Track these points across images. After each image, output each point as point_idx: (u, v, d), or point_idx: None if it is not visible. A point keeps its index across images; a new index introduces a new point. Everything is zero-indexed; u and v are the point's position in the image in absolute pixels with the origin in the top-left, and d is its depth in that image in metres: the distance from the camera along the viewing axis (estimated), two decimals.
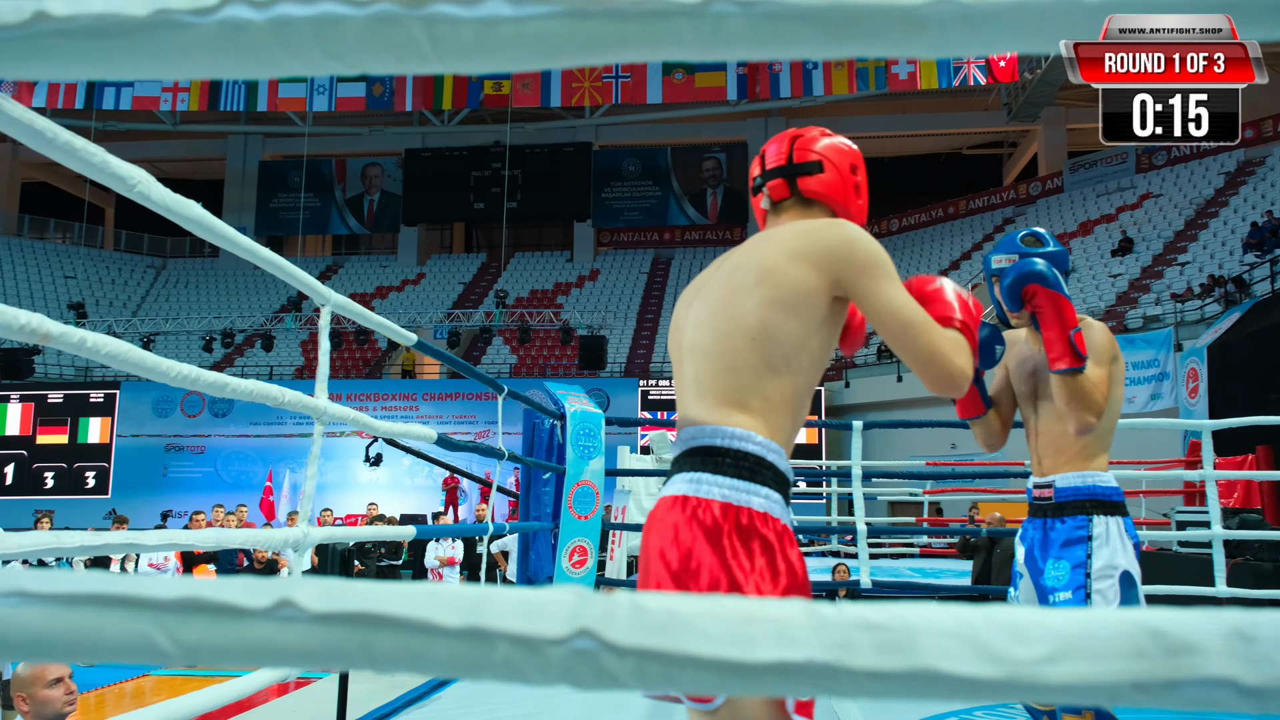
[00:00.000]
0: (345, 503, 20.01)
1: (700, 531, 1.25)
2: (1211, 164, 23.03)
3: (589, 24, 0.49)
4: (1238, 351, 12.70)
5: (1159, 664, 0.37)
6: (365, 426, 2.55)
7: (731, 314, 1.36)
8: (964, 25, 0.46)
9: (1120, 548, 2.16)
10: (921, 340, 1.31)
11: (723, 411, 1.33)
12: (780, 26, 0.47)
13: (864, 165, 1.58)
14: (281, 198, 30.94)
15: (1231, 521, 5.08)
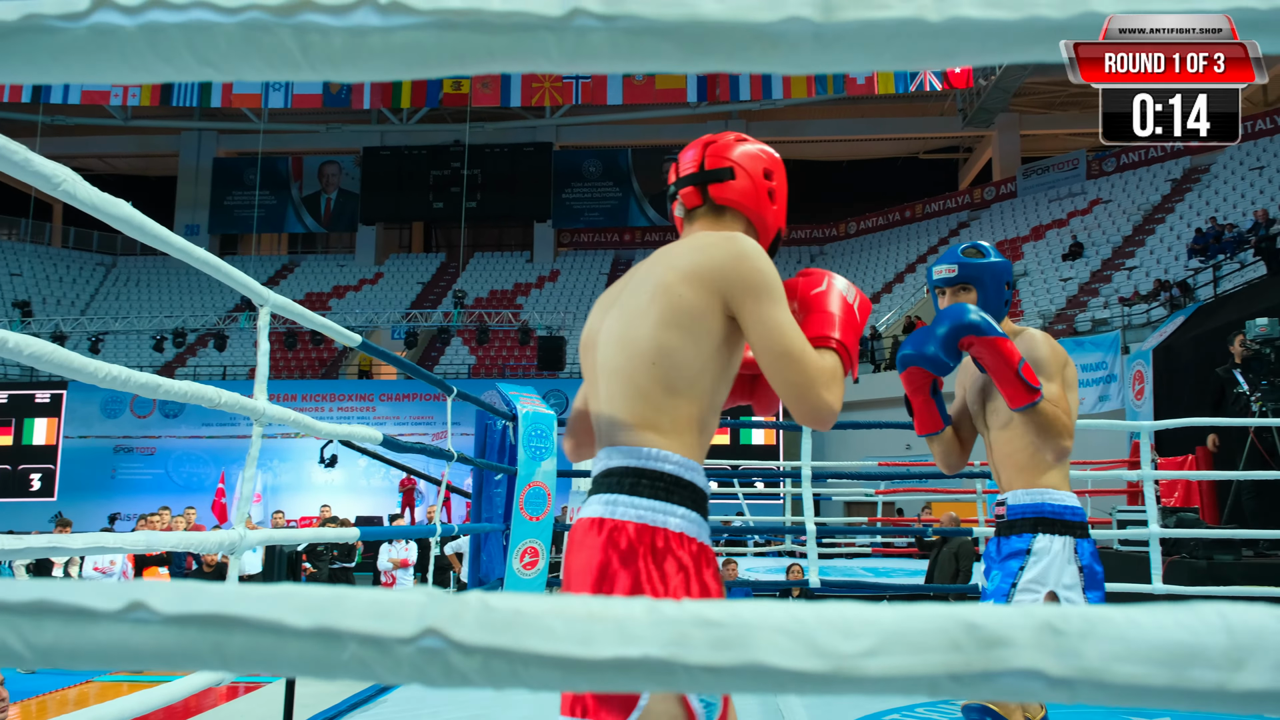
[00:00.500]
0: (299, 504, 19.77)
1: (615, 554, 1.25)
2: (1159, 171, 23.56)
3: (456, 35, 0.50)
4: (1182, 354, 13.01)
5: (973, 656, 0.38)
6: (306, 428, 2.53)
7: (632, 336, 1.35)
8: (815, 44, 0.48)
9: (1056, 567, 2.11)
10: (793, 372, 1.29)
11: (636, 432, 1.32)
12: (640, 42, 0.48)
13: (782, 171, 1.56)
14: (236, 195, 30.47)
15: (1169, 520, 5.20)
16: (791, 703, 3.67)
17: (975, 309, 2.08)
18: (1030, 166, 26.97)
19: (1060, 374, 2.19)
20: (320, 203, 30.90)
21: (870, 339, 21.43)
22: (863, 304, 1.49)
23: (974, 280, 2.25)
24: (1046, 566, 2.11)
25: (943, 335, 2.08)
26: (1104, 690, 0.38)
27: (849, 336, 1.41)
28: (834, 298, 1.46)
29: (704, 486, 1.34)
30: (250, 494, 2.23)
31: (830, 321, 1.41)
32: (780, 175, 1.54)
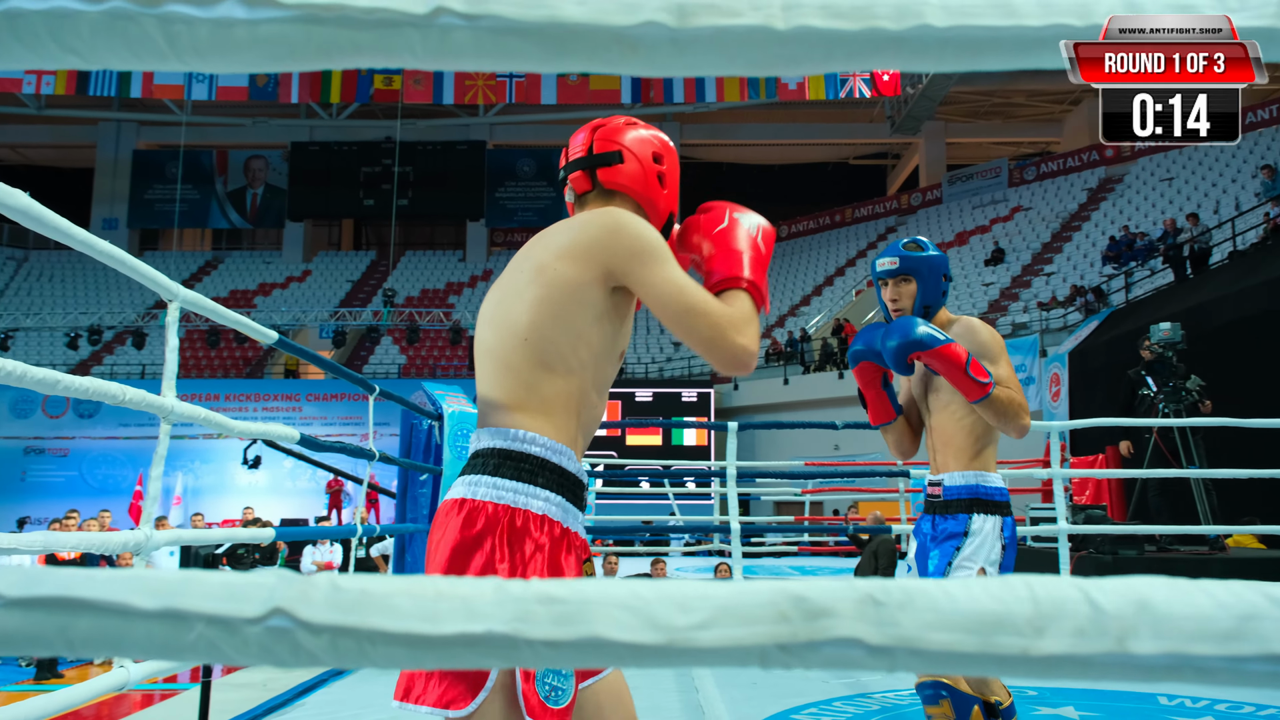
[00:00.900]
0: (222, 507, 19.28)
1: (470, 534, 1.24)
2: (1076, 180, 24.36)
3: (322, 30, 0.50)
4: (1095, 357, 13.47)
5: (799, 627, 0.41)
6: (219, 426, 2.47)
7: (507, 313, 1.35)
8: (672, 48, 0.50)
9: (988, 545, 2.24)
10: (702, 324, 1.27)
11: (504, 413, 1.32)
12: (503, 41, 0.50)
13: (673, 156, 1.55)
14: (157, 189, 29.57)
15: (1078, 517, 5.39)
16: (713, 700, 3.72)
17: (921, 322, 2.20)
18: (955, 174, 27.65)
19: (1003, 354, 2.31)
20: (246, 198, 30.17)
21: (800, 341, 21.74)
22: (766, 234, 1.48)
23: (913, 272, 2.38)
24: (979, 545, 2.23)
25: (893, 350, 2.20)
26: (919, 657, 0.41)
27: (758, 273, 1.40)
28: (740, 234, 1.44)
29: (575, 471, 1.32)
30: (157, 493, 2.18)
31: (738, 260, 1.39)
32: (671, 160, 1.54)
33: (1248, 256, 11.99)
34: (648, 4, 0.49)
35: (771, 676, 4.23)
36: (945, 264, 2.42)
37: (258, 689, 6.81)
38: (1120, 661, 0.40)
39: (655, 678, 4.21)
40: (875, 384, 2.38)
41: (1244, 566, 5.29)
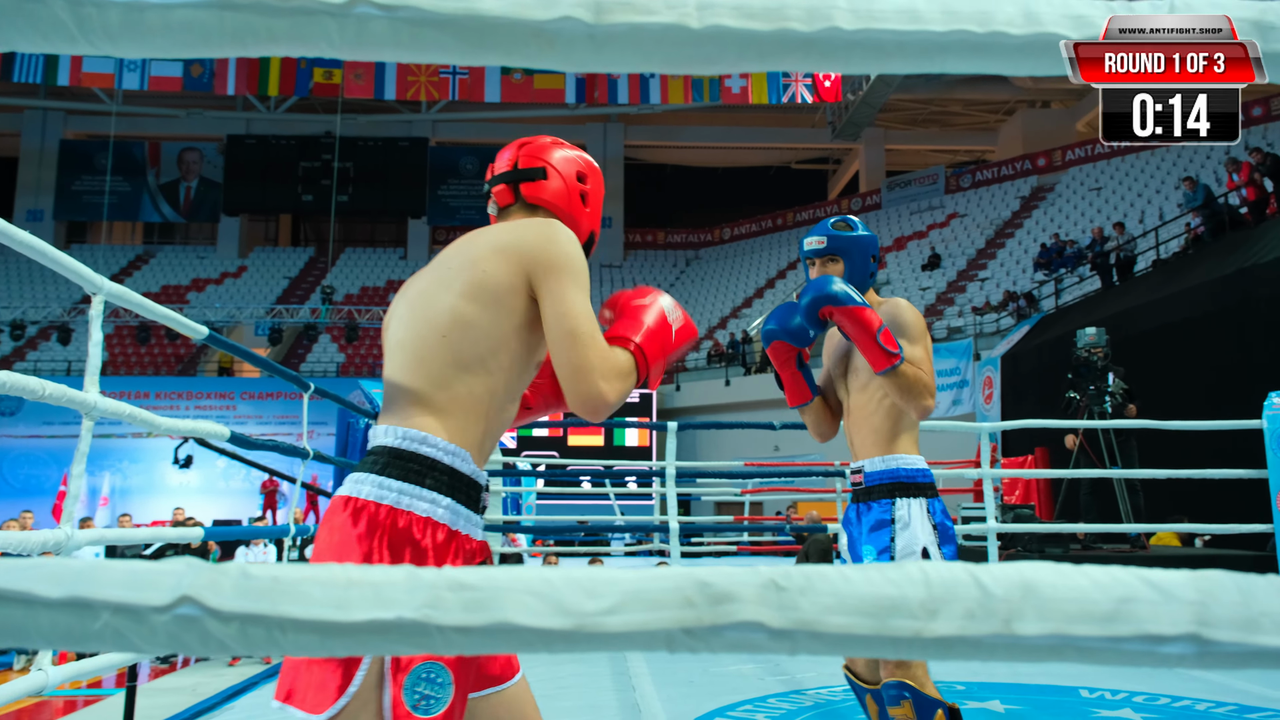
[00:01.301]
0: (151, 508, 18.77)
1: (352, 533, 1.22)
2: (1010, 188, 24.97)
3: (237, 16, 0.50)
4: (1027, 361, 13.82)
5: (704, 611, 0.42)
6: (144, 423, 2.41)
7: (428, 308, 1.33)
8: (589, 43, 0.51)
9: (919, 528, 2.22)
10: (575, 354, 1.28)
11: (405, 411, 1.30)
12: (421, 33, 0.50)
13: (598, 177, 1.57)
14: (85, 180, 28.67)
15: (1007, 516, 5.53)
16: (649, 698, 3.73)
17: (838, 280, 2.17)
18: (894, 180, 28.15)
19: (923, 338, 2.28)
20: (179, 191, 29.41)
21: (742, 343, 21.92)
22: (684, 328, 1.48)
23: (841, 252, 2.36)
24: (912, 532, 2.22)
25: (805, 305, 2.17)
26: (818, 640, 0.42)
27: (652, 347, 1.40)
28: (652, 311, 1.45)
29: (470, 473, 1.30)
30: (79, 492, 2.12)
31: (637, 328, 1.41)
32: (595, 180, 1.56)
33: (1170, 265, 12.41)
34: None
35: (708, 675, 4.26)
36: (874, 245, 2.39)
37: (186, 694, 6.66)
38: (1007, 643, 0.42)
39: (592, 677, 4.21)
40: (790, 364, 2.35)
41: (1162, 563, 5.48)
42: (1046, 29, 0.50)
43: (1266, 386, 6.55)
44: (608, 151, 30.62)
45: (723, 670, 4.36)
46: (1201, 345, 9.82)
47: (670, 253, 31.38)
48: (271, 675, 4.23)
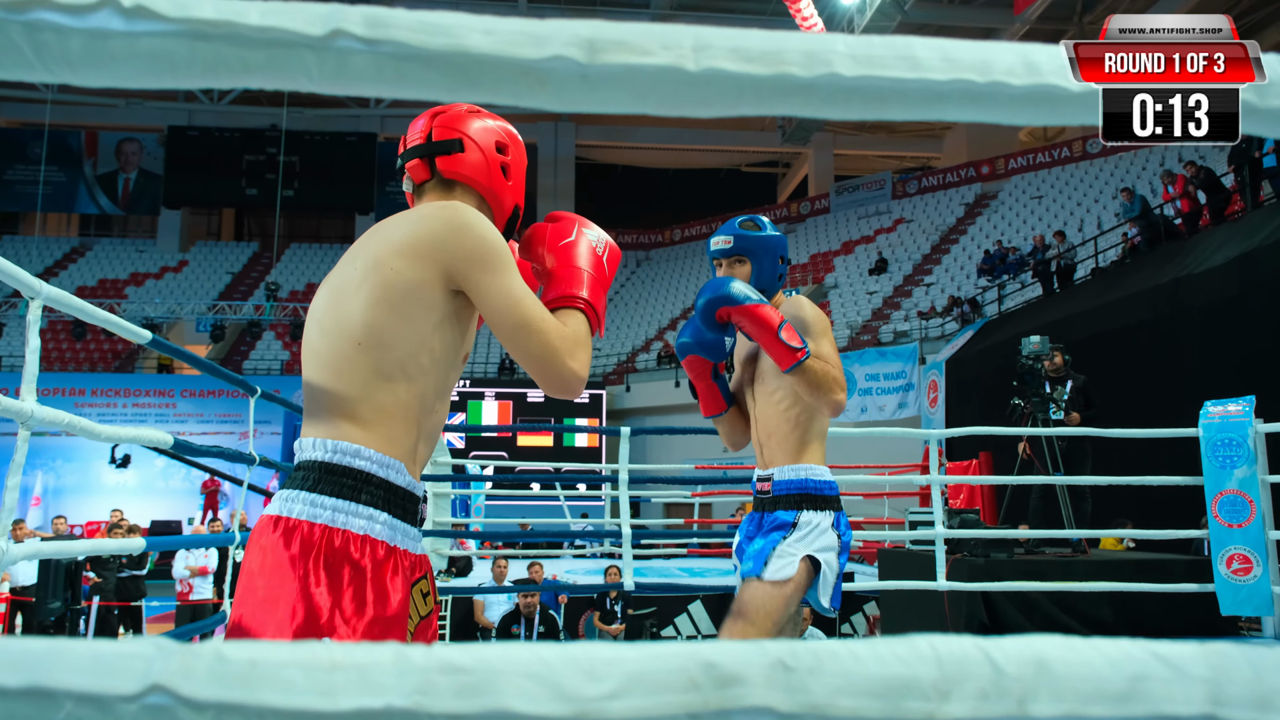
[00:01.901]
0: (86, 508, 18.26)
1: (285, 555, 1.14)
2: (955, 195, 25.41)
3: (209, 46, 0.47)
4: (970, 366, 14.08)
5: (710, 695, 0.40)
6: (84, 432, 2.32)
7: (338, 315, 1.25)
8: (581, 83, 0.48)
9: (815, 537, 2.16)
10: (535, 342, 1.22)
11: (332, 423, 1.22)
12: (404, 68, 0.47)
13: (519, 147, 1.46)
14: (18, 170, 27.77)
15: (953, 521, 5.61)
16: None
17: (736, 280, 2.11)
18: (842, 184, 28.48)
19: (826, 334, 2.21)
20: (118, 182, 28.63)
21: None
22: (612, 255, 1.43)
23: (748, 252, 2.29)
24: (808, 534, 2.16)
25: (701, 308, 2.10)
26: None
27: (597, 294, 1.35)
28: (583, 249, 1.38)
29: (406, 485, 1.23)
30: (13, 505, 2.03)
31: (578, 278, 1.34)
32: (517, 151, 1.45)
33: (1108, 273, 12.73)
34: (556, 37, 0.47)
35: None
36: (782, 245, 2.32)
37: None
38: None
39: None
40: (705, 375, 2.28)
41: (1102, 568, 5.60)
42: (1046, 79, 0.49)
43: (1199, 393, 6.75)
44: (559, 150, 30.51)
45: None
46: (1138, 352, 10.10)
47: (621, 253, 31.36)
48: None
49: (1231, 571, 5.04)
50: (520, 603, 7.23)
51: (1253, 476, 5.02)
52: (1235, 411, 5.11)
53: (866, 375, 17.64)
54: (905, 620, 6.39)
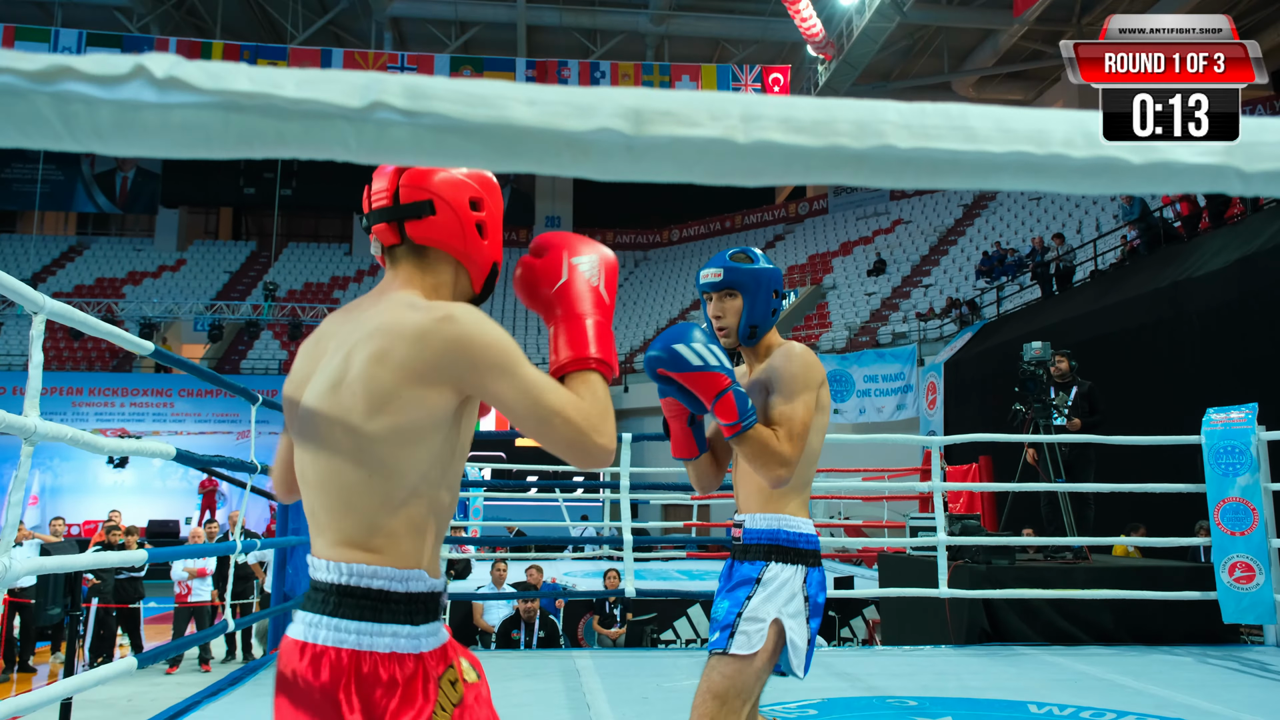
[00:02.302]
0: (83, 508, 18.25)
1: (318, 685, 1.15)
2: (953, 196, 25.41)
3: (243, 118, 0.46)
4: (969, 367, 14.08)
5: None
6: (89, 446, 2.31)
7: (340, 444, 1.19)
8: (627, 154, 0.47)
9: (783, 595, 2.03)
10: (561, 432, 1.19)
11: (342, 548, 1.20)
12: (445, 140, 0.46)
13: (495, 196, 1.36)
14: (16, 168, 27.72)
15: (955, 527, 5.60)
16: (605, 716, 3.70)
17: (695, 337, 1.97)
18: (840, 185, 28.48)
19: (804, 393, 2.06)
20: (115, 181, 28.58)
21: None
22: (609, 275, 1.34)
23: (739, 285, 2.15)
24: (772, 594, 2.04)
25: (648, 360, 1.98)
26: None
27: (603, 339, 1.28)
28: (580, 289, 1.31)
29: (428, 589, 1.21)
30: (16, 520, 2.02)
31: (582, 331, 1.28)
32: (492, 202, 1.35)
33: (1107, 276, 12.73)
34: (602, 109, 0.46)
35: (661, 691, 4.24)
36: (777, 279, 2.18)
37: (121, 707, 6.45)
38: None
39: (546, 694, 4.16)
40: (681, 417, 2.13)
41: (1104, 575, 5.60)
42: (1107, 151, 0.48)
43: (1199, 398, 6.75)
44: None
45: (676, 686, 4.34)
46: (1137, 356, 10.10)
47: (618, 253, 31.33)
48: (213, 693, 4.10)
49: (1234, 579, 5.03)
50: (520, 607, 7.22)
51: (1255, 484, 5.02)
52: (1237, 419, 5.11)
53: (865, 377, 17.64)
54: (906, 626, 6.38)
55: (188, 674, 8.28)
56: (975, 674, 4.59)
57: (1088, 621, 5.51)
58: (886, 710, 3.85)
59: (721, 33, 25.77)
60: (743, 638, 2.00)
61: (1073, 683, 4.38)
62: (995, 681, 4.40)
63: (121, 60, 0.46)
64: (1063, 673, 4.63)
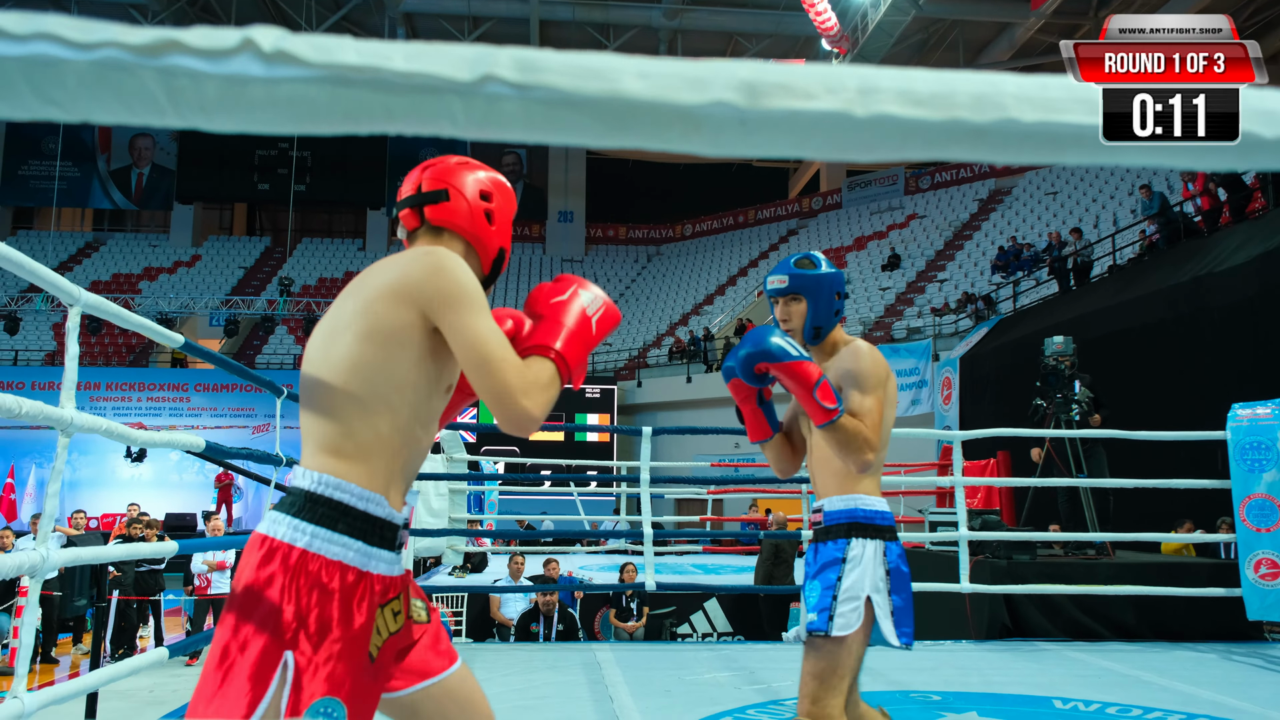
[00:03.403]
0: (102, 501, 18.37)
1: (265, 573, 1.26)
2: (968, 190, 25.30)
3: (351, 93, 0.45)
4: (985, 363, 14.00)
5: None
6: (123, 438, 2.32)
7: (329, 354, 1.36)
8: (740, 129, 0.46)
9: (869, 572, 2.14)
10: (494, 379, 1.32)
11: (319, 455, 1.34)
12: (556, 114, 0.46)
13: (505, 194, 1.57)
14: (33, 165, 27.91)
15: (975, 522, 5.57)
16: (629, 710, 3.69)
17: (777, 333, 2.12)
18: (854, 180, 28.37)
19: (879, 389, 2.20)
20: (131, 178, 28.74)
21: (703, 340, 21.96)
22: (605, 316, 1.51)
23: (804, 290, 2.29)
24: (860, 574, 2.15)
25: (741, 359, 2.13)
26: None
27: (572, 348, 1.43)
28: (572, 309, 1.48)
29: (385, 515, 1.34)
30: (55, 511, 2.03)
31: (555, 332, 1.43)
32: (502, 198, 1.56)
33: (1126, 271, 12.64)
34: (716, 82, 0.45)
35: (684, 684, 4.23)
36: (838, 282, 2.31)
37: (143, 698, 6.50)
38: None
39: (568, 687, 4.16)
40: (750, 400, 2.28)
41: (1126, 571, 5.56)
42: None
43: (1219, 394, 6.69)
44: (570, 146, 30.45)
45: (698, 679, 4.33)
46: (1157, 352, 10.02)
47: (631, 248, 31.36)
48: None
49: (1259, 576, 4.99)
50: (539, 601, 7.23)
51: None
52: (1264, 414, 5.06)
53: None
54: (926, 621, 6.34)
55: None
56: (998, 669, 4.57)
57: (1109, 617, 5.47)
58: (911, 705, 3.84)
59: (735, 26, 25.68)
60: (841, 620, 2.10)
61: (1096, 679, 4.35)
62: (1018, 677, 4.38)
63: (229, 34, 0.45)
64: (1086, 669, 4.60)
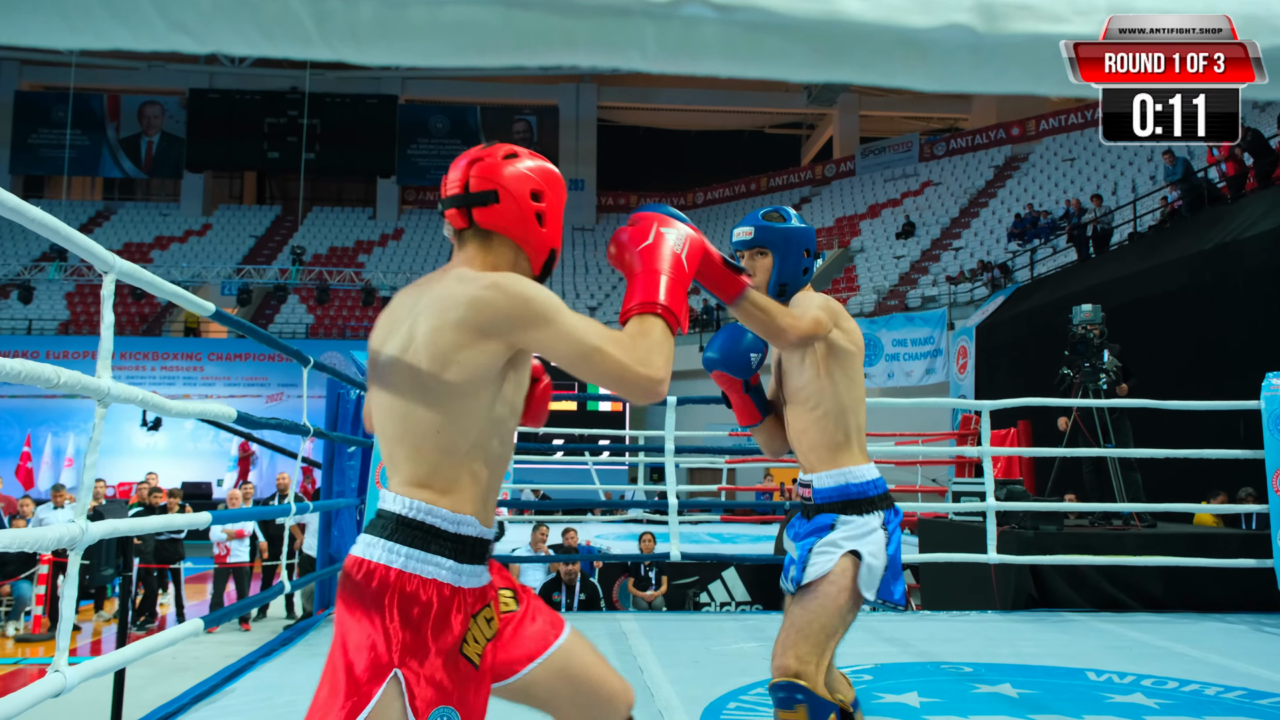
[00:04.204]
0: (119, 470, 18.45)
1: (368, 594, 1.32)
2: (984, 157, 24.98)
3: (527, 16, 0.39)
4: (1001, 331, 13.88)
5: None
6: (157, 408, 2.28)
7: (411, 402, 1.36)
8: (971, 57, 0.41)
9: (858, 533, 2.07)
10: (604, 365, 1.32)
11: (408, 485, 1.38)
12: (761, 40, 0.40)
13: (556, 189, 1.51)
14: (43, 133, 27.80)
15: (1000, 493, 5.52)
16: (660, 681, 3.68)
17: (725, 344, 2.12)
18: (868, 146, 28.05)
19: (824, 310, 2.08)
20: (141, 146, 28.62)
21: (716, 309, 21.85)
22: (692, 250, 1.48)
23: (770, 244, 2.17)
24: (851, 531, 2.07)
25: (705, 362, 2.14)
26: None
27: (675, 295, 1.41)
28: (663, 254, 1.44)
29: (475, 534, 1.39)
30: (90, 483, 1.99)
31: (655, 284, 1.41)
32: (553, 194, 1.50)
33: (1147, 239, 12.47)
34: (949, 2, 0.39)
35: (711, 655, 4.22)
36: (809, 238, 2.18)
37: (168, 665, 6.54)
38: None
39: None
40: (735, 389, 2.21)
41: (1153, 542, 5.52)
42: None
43: (1244, 363, 6.60)
44: (580, 112, 30.19)
45: (725, 650, 4.32)
46: (1180, 320, 9.90)
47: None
48: (266, 654, 4.12)
49: None
50: (561, 570, 7.24)
51: None
52: None
53: (894, 340, 17.46)
54: (949, 591, 6.33)
55: (228, 632, 8.37)
56: (1027, 640, 4.54)
57: (1137, 588, 5.43)
58: (942, 676, 3.81)
59: None
60: (814, 568, 2.03)
61: (1128, 650, 4.32)
62: (1049, 648, 4.34)
63: None
64: (1117, 640, 4.57)
